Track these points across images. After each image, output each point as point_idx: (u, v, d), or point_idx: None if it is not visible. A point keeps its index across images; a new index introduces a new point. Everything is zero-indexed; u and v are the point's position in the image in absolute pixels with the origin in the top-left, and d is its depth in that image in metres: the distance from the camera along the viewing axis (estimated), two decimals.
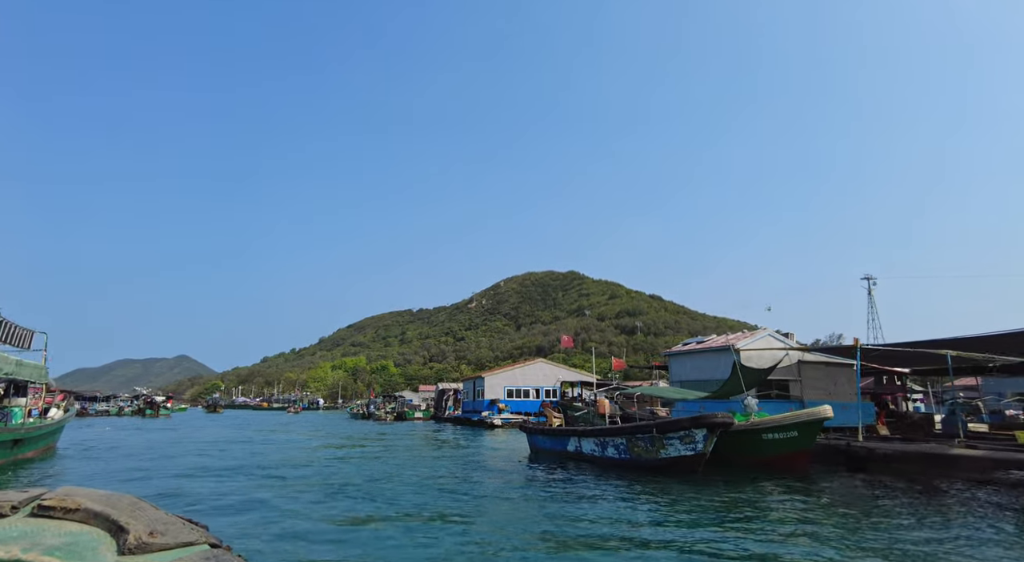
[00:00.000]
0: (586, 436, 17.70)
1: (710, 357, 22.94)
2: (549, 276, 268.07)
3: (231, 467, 17.29)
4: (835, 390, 22.44)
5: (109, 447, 24.49)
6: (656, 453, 15.52)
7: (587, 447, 17.70)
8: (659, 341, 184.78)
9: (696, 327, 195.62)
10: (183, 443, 27.43)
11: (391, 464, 18.49)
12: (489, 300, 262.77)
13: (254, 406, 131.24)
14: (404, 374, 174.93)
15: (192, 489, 13.07)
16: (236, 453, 21.95)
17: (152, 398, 76.06)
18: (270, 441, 29.08)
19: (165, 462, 18.65)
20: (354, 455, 21.69)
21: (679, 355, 25.06)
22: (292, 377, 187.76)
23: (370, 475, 15.56)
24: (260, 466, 17.57)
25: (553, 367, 47.65)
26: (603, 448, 17.05)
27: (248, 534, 8.47)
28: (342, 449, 24.41)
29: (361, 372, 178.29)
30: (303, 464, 18.18)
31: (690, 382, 23.43)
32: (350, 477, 15.05)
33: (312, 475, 15.43)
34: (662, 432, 15.29)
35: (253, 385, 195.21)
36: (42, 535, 1.98)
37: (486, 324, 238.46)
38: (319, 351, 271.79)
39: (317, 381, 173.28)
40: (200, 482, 14.16)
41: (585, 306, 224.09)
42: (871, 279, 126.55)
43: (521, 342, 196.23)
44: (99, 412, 69.95)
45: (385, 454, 21.97)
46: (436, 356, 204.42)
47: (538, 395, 46.16)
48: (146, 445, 25.90)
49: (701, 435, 14.93)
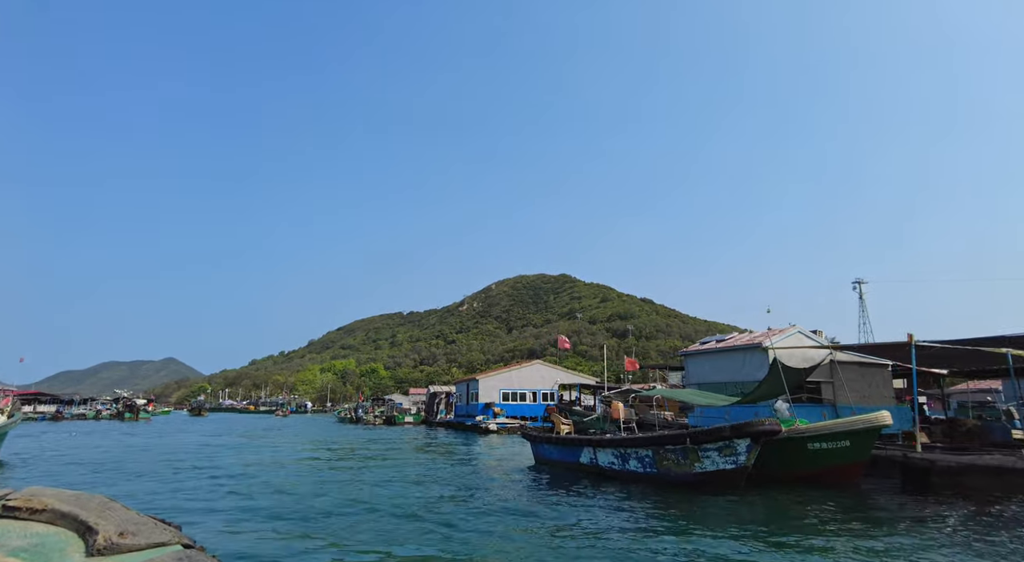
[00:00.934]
0: (604, 446, 15.31)
1: (733, 357, 20.65)
2: (541, 279, 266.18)
3: (186, 490, 14.71)
4: (869, 393, 20.28)
5: (56, 456, 21.69)
6: (690, 467, 13.18)
7: (605, 459, 15.32)
8: (651, 345, 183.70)
9: (688, 331, 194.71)
10: (151, 451, 24.70)
11: (377, 476, 16.03)
12: (480, 303, 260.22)
13: (240, 409, 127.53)
14: (394, 377, 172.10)
15: None
16: (204, 463, 19.32)
17: (132, 401, 72.69)
18: (247, 448, 26.43)
19: (110, 476, 15.98)
20: (338, 465, 19.16)
21: (697, 355, 22.69)
22: (280, 380, 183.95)
23: (351, 493, 13.09)
24: (227, 482, 15.02)
25: (551, 369, 45.26)
26: (624, 460, 14.68)
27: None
28: (324, 459, 21.86)
29: (350, 375, 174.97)
30: (279, 486, 15.63)
31: (709, 385, 21.16)
32: (328, 498, 12.56)
33: (286, 499, 12.91)
34: (698, 442, 12.96)
35: (240, 388, 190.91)
36: (6, 536, 1.95)
37: (477, 327, 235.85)
38: (308, 354, 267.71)
39: (305, 384, 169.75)
40: (139, 507, 11.63)
41: (577, 309, 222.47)
42: (861, 282, 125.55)
43: (512, 345, 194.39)
44: (75, 416, 66.55)
45: (370, 465, 19.47)
46: (427, 359, 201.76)
47: (535, 398, 43.67)
48: (103, 454, 23.13)
49: (744, 446, 12.63)
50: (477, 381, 43.99)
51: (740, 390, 19.73)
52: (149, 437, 34.77)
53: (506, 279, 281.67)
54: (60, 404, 71.07)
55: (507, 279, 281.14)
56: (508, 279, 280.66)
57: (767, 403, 17.49)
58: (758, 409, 18.80)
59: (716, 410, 19.96)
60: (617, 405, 18.07)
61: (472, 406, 45.29)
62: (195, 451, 24.36)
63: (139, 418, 67.75)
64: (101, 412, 68.90)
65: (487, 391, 43.13)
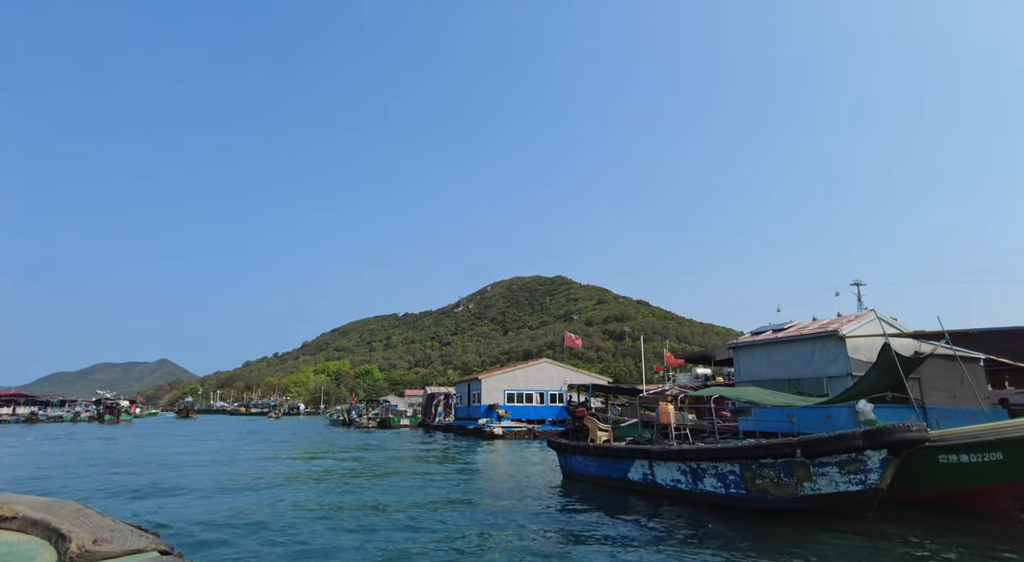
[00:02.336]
0: (666, 459, 11.67)
1: (798, 349, 17.04)
2: (537, 281, 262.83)
3: (131, 514, 11.00)
4: (960, 392, 16.78)
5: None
6: (796, 488, 9.63)
7: (666, 475, 11.72)
8: (648, 347, 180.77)
9: (684, 332, 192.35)
10: (107, 460, 20.91)
11: (365, 495, 12.39)
12: (476, 304, 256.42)
13: (231, 411, 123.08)
14: (389, 379, 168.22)
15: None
16: (165, 479, 15.58)
17: (113, 402, 68.46)
18: (223, 456, 22.68)
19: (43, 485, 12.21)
20: (325, 477, 15.50)
21: (750, 348, 18.96)
22: (273, 381, 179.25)
23: (332, 521, 9.45)
24: (182, 503, 11.33)
25: (559, 369, 41.62)
26: (696, 478, 11.08)
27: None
28: (308, 468, 18.16)
29: (344, 377, 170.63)
30: (242, 513, 11.93)
31: (767, 381, 17.62)
32: (299, 529, 8.91)
33: (247, 535, 9.22)
34: (812, 455, 9.41)
35: (232, 389, 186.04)
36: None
37: (473, 329, 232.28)
38: (302, 356, 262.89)
39: (299, 386, 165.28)
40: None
41: (573, 311, 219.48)
42: (860, 284, 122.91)
43: (508, 347, 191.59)
44: (51, 418, 62.30)
45: (360, 478, 15.80)
46: (422, 361, 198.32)
47: (542, 400, 39.99)
48: (52, 461, 19.32)
49: (878, 459, 9.12)
50: (480, 381, 40.27)
51: (808, 389, 16.20)
52: (121, 442, 30.95)
53: (502, 280, 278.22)
54: (37, 406, 66.76)
55: (503, 280, 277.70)
56: (504, 280, 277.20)
57: (850, 404, 14.02)
58: (832, 410, 15.35)
59: (771, 412, 16.47)
60: (667, 407, 14.49)
61: (474, 408, 41.55)
62: (162, 460, 20.66)
63: (120, 421, 63.70)
64: (80, 414, 64.63)
65: (490, 392, 39.44)
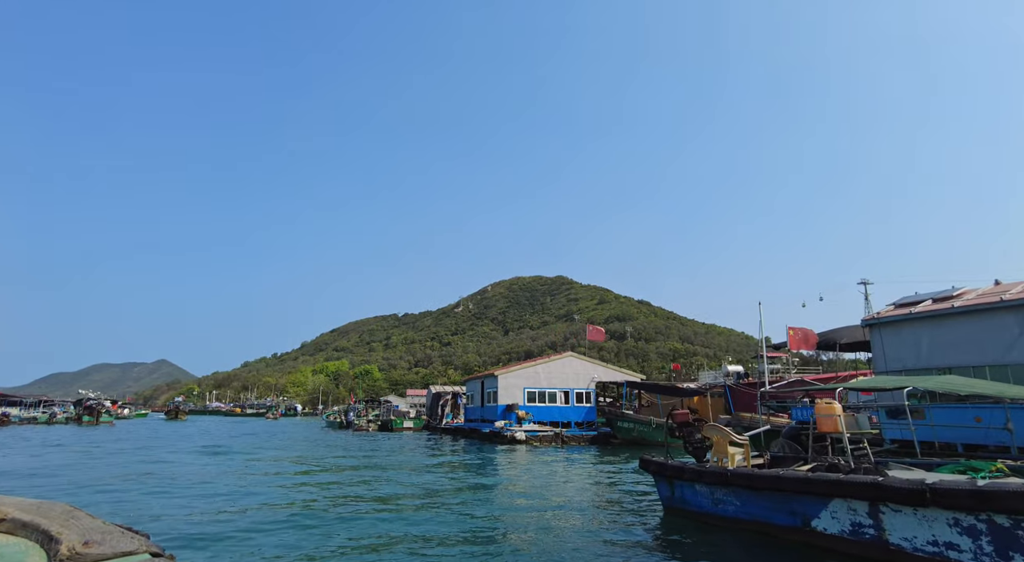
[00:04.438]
0: (916, 502, 6.19)
1: (996, 321, 11.38)
2: (537, 281, 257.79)
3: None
4: None
5: None
6: None
7: (915, 535, 6.26)
8: (650, 347, 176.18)
9: (687, 332, 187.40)
10: (53, 472, 15.36)
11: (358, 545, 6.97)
12: (476, 304, 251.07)
13: (226, 412, 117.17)
14: (389, 379, 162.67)
15: None
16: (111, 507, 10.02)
17: (98, 402, 62.77)
18: (195, 473, 17.12)
19: None
20: (310, 503, 10.07)
21: (899, 324, 13.13)
22: (270, 381, 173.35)
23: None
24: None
25: (586, 363, 36.04)
26: (1003, 547, 5.60)
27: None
28: (289, 486, 12.69)
29: (343, 377, 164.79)
30: None
31: (935, 370, 12.13)
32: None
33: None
34: None
35: (229, 390, 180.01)
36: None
37: (473, 329, 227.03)
38: (301, 356, 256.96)
39: (297, 386, 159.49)
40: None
41: (574, 311, 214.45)
42: (867, 283, 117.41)
43: (509, 347, 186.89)
44: (24, 420, 56.57)
45: (355, 503, 10.30)
46: (422, 361, 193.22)
47: (567, 399, 34.45)
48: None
49: None
50: (496, 378, 34.66)
51: (1018, 379, 10.82)
52: (86, 447, 25.52)
53: (502, 280, 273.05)
54: (8, 405, 60.98)
55: (503, 280, 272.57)
56: (504, 281, 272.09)
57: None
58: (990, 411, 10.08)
59: (952, 413, 11.09)
60: (833, 407, 9.07)
61: (489, 409, 35.99)
62: (123, 473, 15.64)
63: (99, 423, 57.99)
64: (56, 415, 58.86)
65: (508, 390, 33.89)
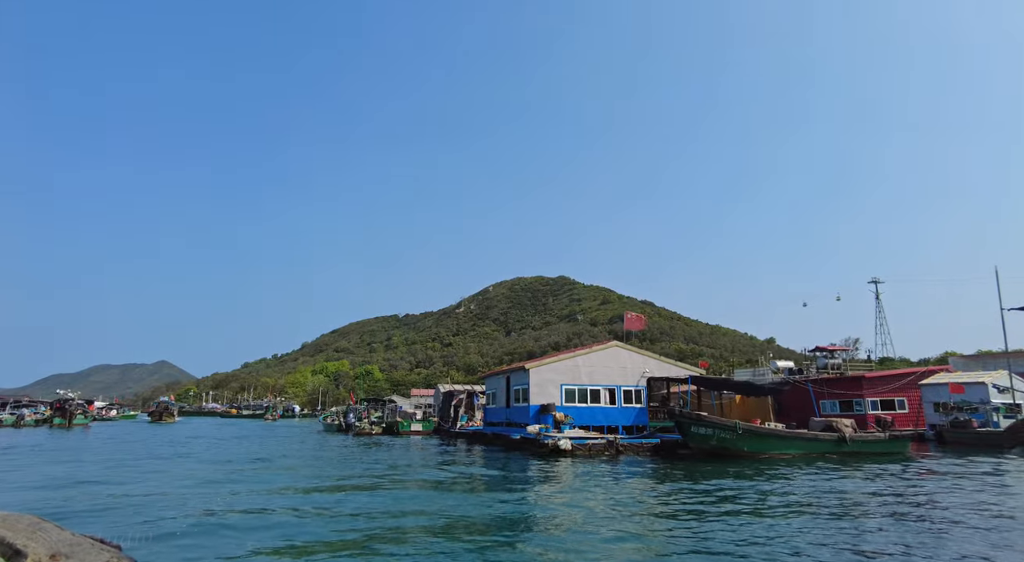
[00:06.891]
0: None
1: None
2: (539, 281, 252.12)
3: None
4: None
5: None
6: None
7: None
8: (654, 348, 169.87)
9: (692, 333, 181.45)
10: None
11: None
12: (478, 305, 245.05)
13: (221, 413, 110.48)
14: (390, 379, 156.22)
15: None
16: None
17: (67, 403, 56.20)
18: (139, 493, 10.83)
19: None
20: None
21: None
22: (269, 382, 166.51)
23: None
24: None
25: (635, 355, 29.20)
26: None
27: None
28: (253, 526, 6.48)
29: (343, 377, 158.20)
30: None
31: None
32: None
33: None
34: None
35: (227, 390, 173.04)
36: None
37: (475, 329, 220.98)
38: (302, 357, 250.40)
39: (296, 386, 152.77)
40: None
41: (577, 311, 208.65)
42: (878, 281, 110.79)
43: (511, 347, 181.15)
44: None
45: None
46: (423, 362, 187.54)
47: (613, 399, 27.86)
48: None
49: None
50: (526, 372, 27.80)
51: None
52: (28, 460, 19.16)
53: (503, 281, 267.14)
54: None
55: (504, 281, 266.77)
56: (506, 281, 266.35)
57: None
58: None
59: None
60: None
61: (517, 410, 29.32)
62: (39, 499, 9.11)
63: (72, 425, 51.56)
64: (24, 417, 52.33)
65: (542, 387, 27.20)
